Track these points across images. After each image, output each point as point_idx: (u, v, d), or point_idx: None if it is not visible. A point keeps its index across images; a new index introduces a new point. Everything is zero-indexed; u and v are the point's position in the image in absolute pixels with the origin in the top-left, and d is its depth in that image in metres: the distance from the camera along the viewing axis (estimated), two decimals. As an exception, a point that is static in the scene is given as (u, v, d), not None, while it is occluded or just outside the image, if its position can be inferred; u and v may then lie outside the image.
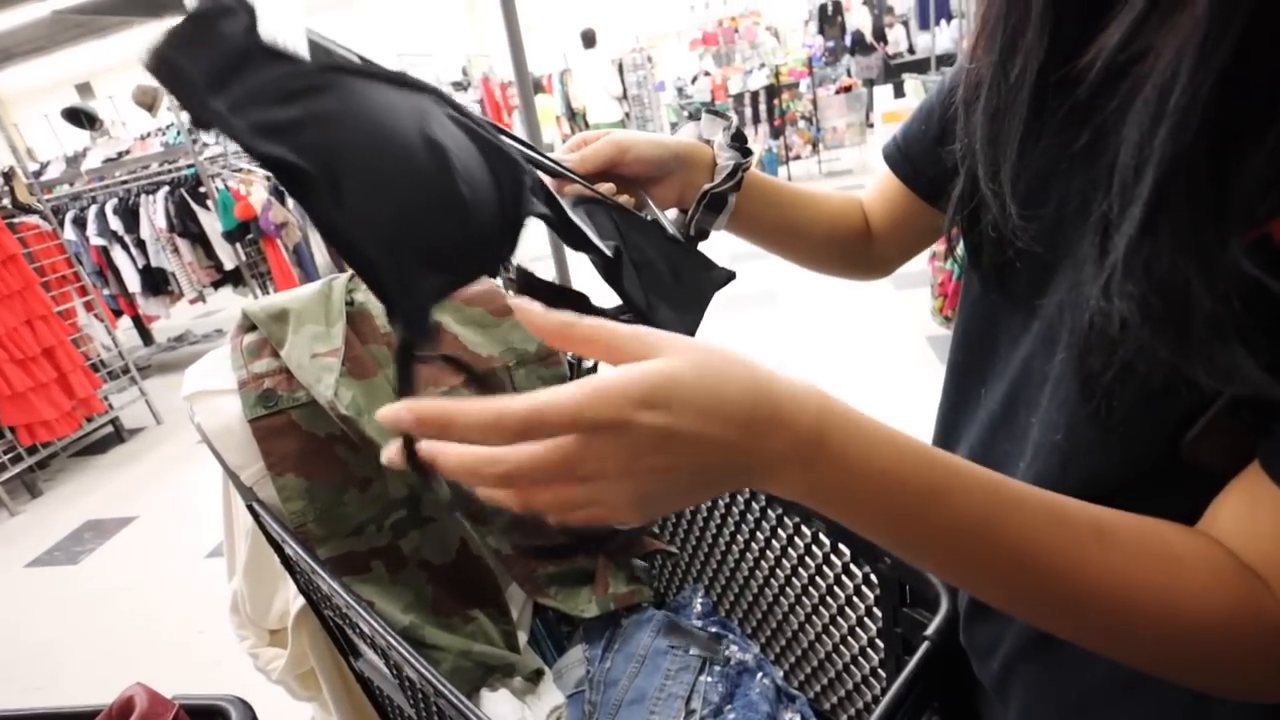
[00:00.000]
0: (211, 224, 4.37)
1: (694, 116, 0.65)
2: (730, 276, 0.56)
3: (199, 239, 4.46)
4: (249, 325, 0.85)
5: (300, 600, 0.96)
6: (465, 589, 0.91)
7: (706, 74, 7.59)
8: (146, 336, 5.36)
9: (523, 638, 0.96)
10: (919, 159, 0.57)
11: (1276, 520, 0.29)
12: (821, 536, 0.76)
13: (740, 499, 0.87)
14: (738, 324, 3.65)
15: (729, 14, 8.80)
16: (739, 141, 0.60)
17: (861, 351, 3.11)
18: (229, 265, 4.54)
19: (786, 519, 0.80)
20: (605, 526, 0.32)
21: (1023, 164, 0.38)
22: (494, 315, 0.94)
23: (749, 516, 0.86)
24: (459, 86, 8.36)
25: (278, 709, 1.06)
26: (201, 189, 4.28)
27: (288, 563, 0.83)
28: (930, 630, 0.58)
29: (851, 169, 6.85)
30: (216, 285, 4.80)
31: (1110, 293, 0.30)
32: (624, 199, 0.57)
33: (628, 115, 7.74)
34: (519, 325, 0.96)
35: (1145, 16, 0.29)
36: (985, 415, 0.46)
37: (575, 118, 11.18)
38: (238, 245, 4.36)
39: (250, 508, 0.82)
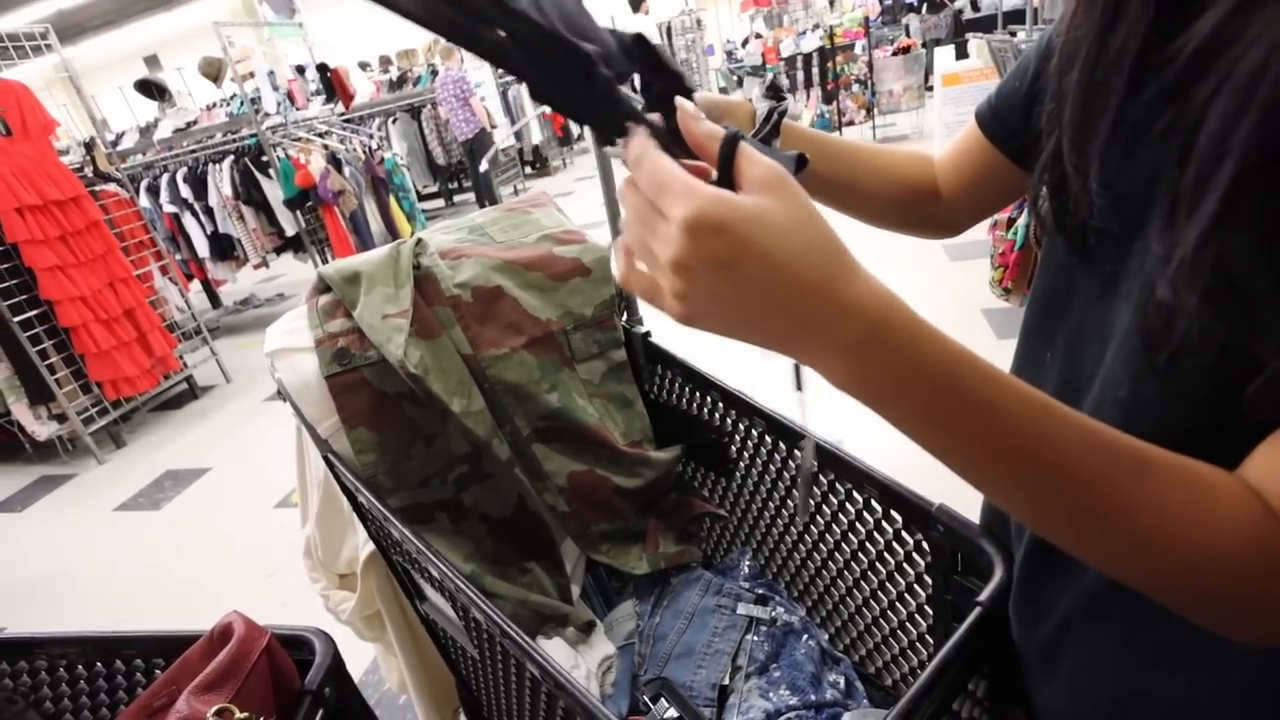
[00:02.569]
0: (274, 192, 4.52)
1: (741, 83, 0.64)
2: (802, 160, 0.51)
3: (262, 206, 4.62)
4: (324, 287, 0.90)
5: (370, 547, 1.02)
6: (522, 542, 0.95)
7: (758, 36, 7.38)
8: (215, 300, 5.62)
9: (576, 591, 1.00)
10: (1009, 116, 0.55)
11: None
12: (874, 504, 0.77)
13: (792, 465, 0.89)
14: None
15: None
16: (774, 91, 0.59)
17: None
18: (290, 231, 4.71)
19: (839, 485, 0.81)
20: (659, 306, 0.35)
21: (1110, 141, 0.37)
22: (551, 279, 0.96)
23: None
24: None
25: (345, 649, 1.14)
26: (264, 158, 4.43)
27: (360, 510, 0.89)
28: (983, 596, 0.59)
29: (908, 134, 6.60)
30: (278, 251, 4.98)
31: (1177, 281, 0.30)
32: None
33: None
34: (576, 290, 0.99)
35: (1243, 2, 0.28)
36: (1053, 376, 0.46)
37: (624, 84, 11.06)
38: (297, 213, 4.51)
39: (325, 458, 0.87)
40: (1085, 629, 0.46)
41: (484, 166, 5.01)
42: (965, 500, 0.61)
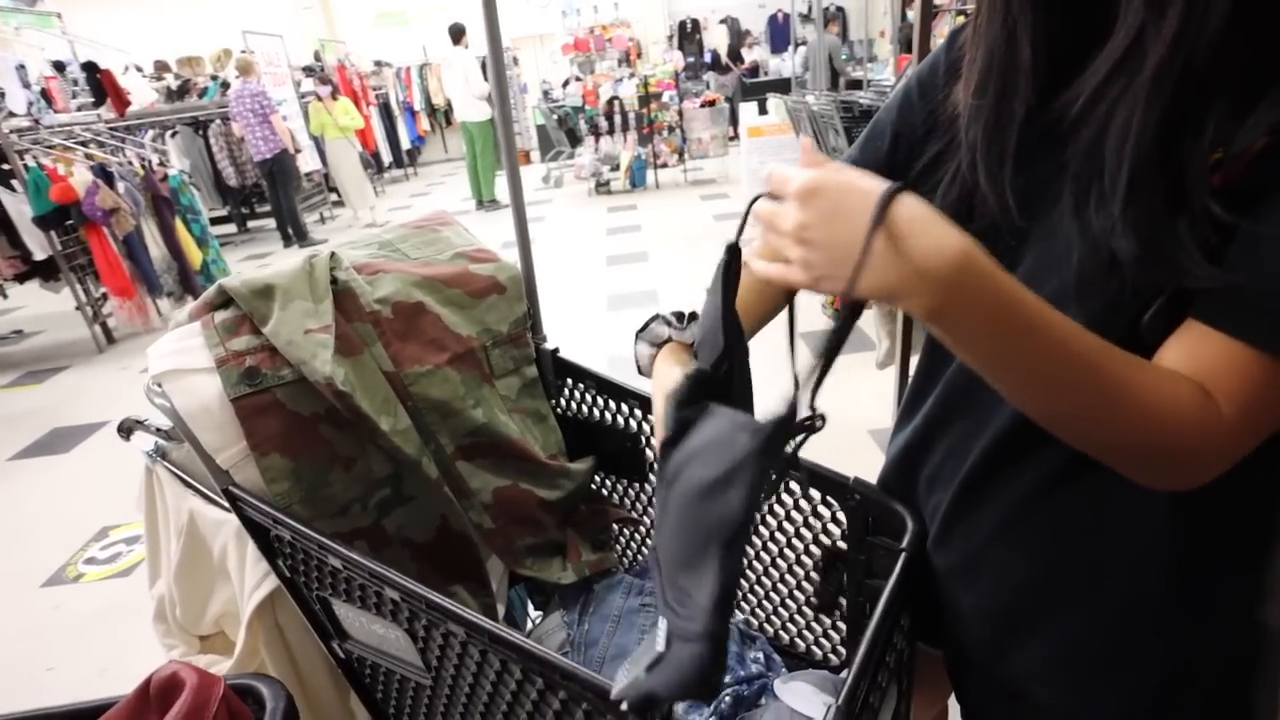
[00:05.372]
0: (18, 207, 3.77)
1: (561, 122, 0.73)
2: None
3: (1, 224, 3.83)
4: (220, 302, 0.82)
5: (259, 595, 0.92)
6: (447, 565, 0.92)
7: (578, 79, 7.69)
8: (-80, 339, 4.49)
9: (501, 610, 0.99)
10: (877, 168, 0.68)
11: (1207, 346, 0.44)
12: (792, 485, 0.87)
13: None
14: (620, 322, 3.76)
15: (600, 22, 8.96)
16: (681, 321, 0.71)
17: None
18: (39, 255, 3.94)
19: (758, 475, 0.90)
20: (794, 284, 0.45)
21: (1014, 161, 0.52)
22: (470, 296, 0.96)
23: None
24: (309, 71, 7.81)
25: None
26: (5, 166, 3.69)
27: (269, 549, 0.81)
28: (905, 543, 0.71)
29: (715, 178, 7.25)
30: (21, 279, 4.14)
31: (1100, 243, 0.45)
32: None
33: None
34: (493, 307, 1.00)
35: (1111, 75, 0.45)
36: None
37: (435, 114, 10.82)
38: (52, 233, 3.80)
39: (228, 492, 0.78)
40: (1008, 535, 0.60)
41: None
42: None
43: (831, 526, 0.85)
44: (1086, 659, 0.59)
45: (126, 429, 0.99)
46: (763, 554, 0.96)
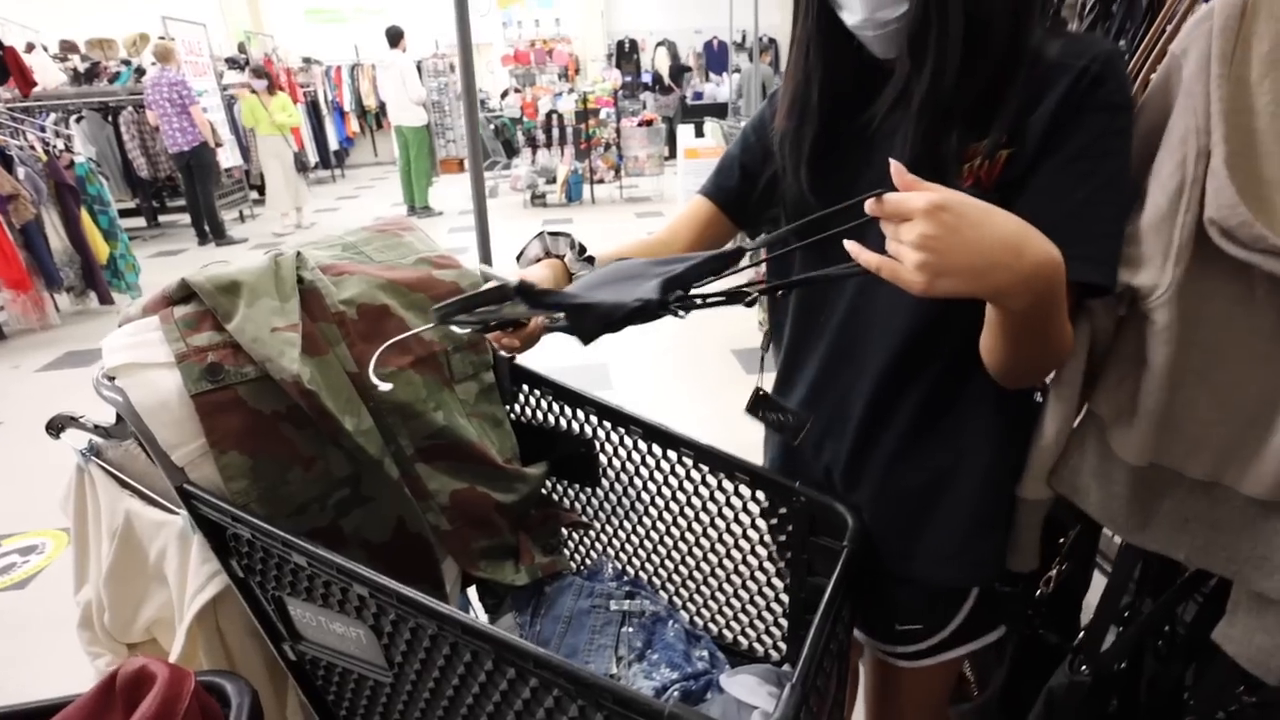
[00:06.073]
0: (-105, 188, 3.44)
1: (498, 132, 0.84)
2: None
3: (-127, 206, 3.48)
4: (181, 297, 0.81)
5: (203, 598, 0.90)
6: (402, 566, 0.92)
7: (517, 90, 7.68)
8: None
9: (453, 612, 1.00)
10: (730, 190, 0.91)
11: None
12: (742, 489, 0.93)
13: (659, 475, 1.01)
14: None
15: (541, 36, 9.00)
16: (581, 253, 0.85)
17: (675, 365, 3.43)
18: (-82, 243, 3.60)
19: (710, 477, 0.95)
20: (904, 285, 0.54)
21: (821, 167, 0.76)
22: (434, 301, 0.98)
23: (668, 485, 1.01)
24: (233, 64, 7.48)
25: None
26: (-118, 143, 3.36)
27: (223, 548, 0.79)
28: (846, 539, 0.78)
29: (650, 196, 7.39)
30: (-107, 267, 3.76)
31: None
32: None
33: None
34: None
35: (892, 106, 0.69)
36: (834, 322, 0.81)
37: (366, 116, 10.53)
38: (-65, 219, 3.48)
39: (182, 490, 0.77)
40: (900, 459, 0.81)
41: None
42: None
43: (777, 528, 0.91)
44: (959, 531, 0.80)
45: (57, 426, 0.95)
46: (710, 555, 1.02)
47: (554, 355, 3.38)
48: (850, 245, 0.56)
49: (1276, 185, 0.57)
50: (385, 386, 0.75)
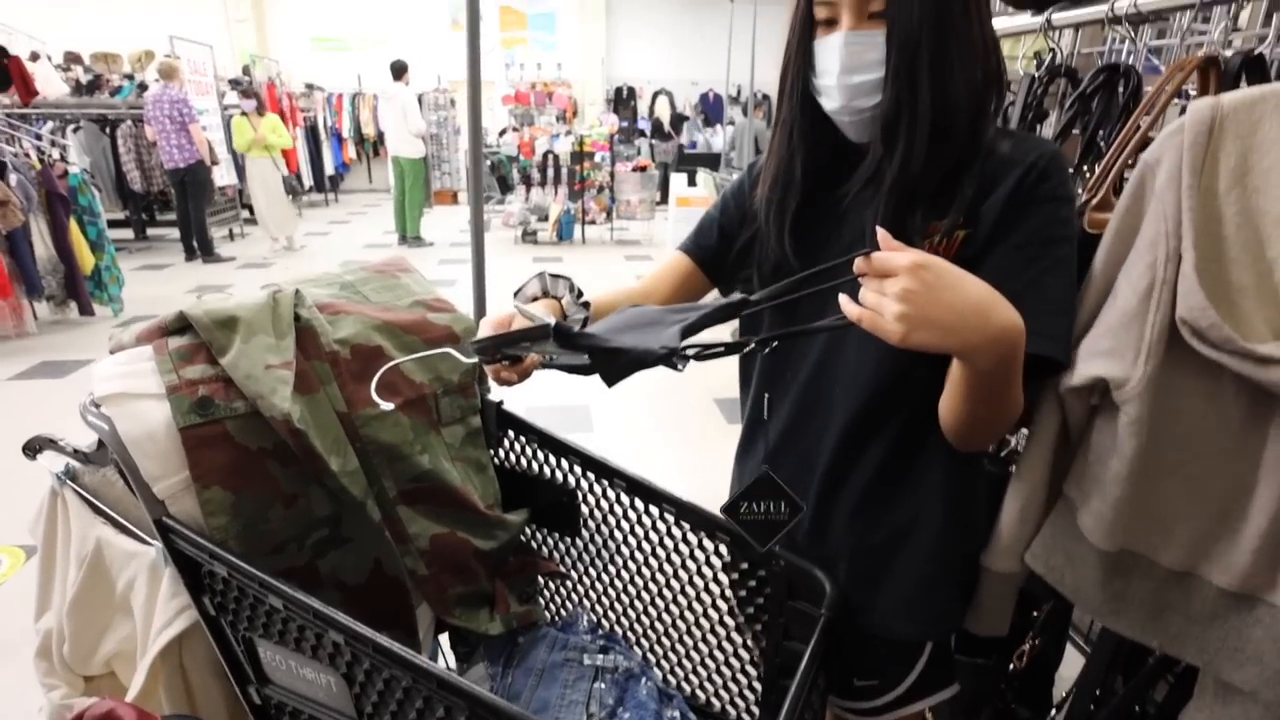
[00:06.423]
0: (-120, 188, 3.40)
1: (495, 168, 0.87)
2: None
3: None
4: (176, 328, 0.81)
5: (169, 634, 0.87)
6: (376, 610, 0.91)
7: (515, 129, 7.83)
8: None
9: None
10: (708, 249, 0.95)
11: None
12: (722, 550, 0.93)
13: (640, 529, 1.01)
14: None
15: (543, 79, 9.21)
16: (579, 297, 0.87)
17: (657, 411, 3.44)
18: (-103, 243, 3.54)
19: (690, 535, 0.96)
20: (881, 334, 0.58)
21: (800, 235, 0.81)
22: (427, 344, 0.99)
23: (648, 540, 1.01)
24: (236, 85, 7.55)
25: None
26: (-128, 142, 3.33)
27: (197, 585, 0.78)
28: (824, 606, 0.78)
29: (640, 240, 7.49)
30: None
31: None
32: None
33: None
34: (446, 357, 1.02)
35: (865, 184, 0.76)
36: (801, 378, 0.85)
37: (364, 144, 10.63)
38: (-83, 220, 3.44)
39: (160, 523, 0.76)
40: (859, 516, 0.84)
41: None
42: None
43: (756, 590, 0.91)
44: (915, 586, 0.83)
45: (35, 448, 0.93)
46: (687, 613, 1.01)
47: (537, 394, 3.38)
48: (842, 298, 0.61)
49: (1243, 290, 0.61)
50: (387, 406, 0.75)
